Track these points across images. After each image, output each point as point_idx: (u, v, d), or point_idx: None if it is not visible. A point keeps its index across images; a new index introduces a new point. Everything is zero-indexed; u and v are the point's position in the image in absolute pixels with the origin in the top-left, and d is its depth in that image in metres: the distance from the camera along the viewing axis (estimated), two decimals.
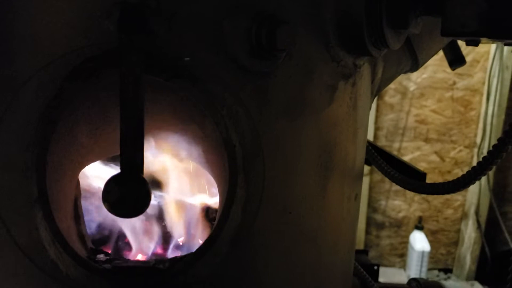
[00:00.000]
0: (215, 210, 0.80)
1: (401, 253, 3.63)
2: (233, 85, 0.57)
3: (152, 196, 0.74)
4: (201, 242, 0.77)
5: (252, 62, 0.56)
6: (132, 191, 0.49)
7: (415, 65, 0.88)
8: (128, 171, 0.49)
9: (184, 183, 0.76)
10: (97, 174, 0.75)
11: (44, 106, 0.54)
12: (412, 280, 1.14)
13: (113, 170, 0.75)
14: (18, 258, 0.58)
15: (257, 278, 0.64)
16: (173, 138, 0.65)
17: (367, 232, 3.55)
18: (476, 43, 0.58)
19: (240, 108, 0.58)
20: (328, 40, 0.63)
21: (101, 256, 0.63)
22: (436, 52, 0.93)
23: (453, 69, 1.04)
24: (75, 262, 0.57)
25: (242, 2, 0.56)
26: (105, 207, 0.48)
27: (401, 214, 3.56)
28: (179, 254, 0.76)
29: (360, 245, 3.46)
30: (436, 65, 3.25)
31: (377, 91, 0.86)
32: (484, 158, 0.70)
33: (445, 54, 1.05)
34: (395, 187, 3.34)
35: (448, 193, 0.79)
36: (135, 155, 0.50)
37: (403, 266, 3.62)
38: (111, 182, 0.48)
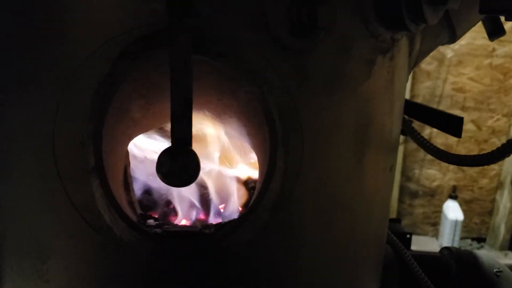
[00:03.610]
0: (254, 180, 0.84)
1: (434, 222, 3.64)
2: (274, 63, 0.60)
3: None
4: (240, 209, 0.82)
5: (293, 40, 0.58)
6: (182, 163, 0.53)
7: (453, 38, 0.88)
8: (178, 145, 0.53)
9: (225, 154, 0.80)
10: (143, 145, 0.80)
11: (98, 84, 0.58)
12: (444, 249, 1.16)
13: (157, 142, 0.80)
14: (77, 222, 0.63)
15: (294, 244, 0.67)
16: (216, 112, 0.68)
17: (400, 200, 3.56)
18: None
19: (281, 85, 0.61)
20: (366, 17, 0.64)
21: (151, 221, 0.68)
22: (474, 24, 0.92)
23: (492, 40, 1.03)
24: (129, 227, 0.62)
25: None
26: (159, 177, 0.53)
27: (435, 183, 3.55)
28: (220, 220, 0.81)
29: (393, 214, 3.47)
30: (475, 31, 3.15)
31: (415, 64, 0.87)
32: None
33: (484, 24, 1.03)
34: (430, 156, 3.31)
35: (481, 165, 0.80)
36: (184, 130, 0.53)
37: (436, 234, 3.63)
38: (164, 155, 0.53)
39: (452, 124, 1.05)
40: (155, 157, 0.79)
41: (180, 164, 0.52)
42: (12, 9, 0.60)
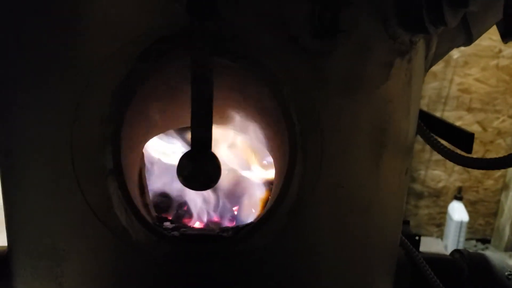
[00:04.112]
0: (268, 183, 0.83)
1: (439, 223, 3.63)
2: (294, 65, 0.60)
3: None
4: (254, 212, 0.81)
5: (313, 42, 0.58)
6: (203, 166, 0.52)
7: (469, 41, 0.88)
8: (198, 148, 0.53)
9: (240, 156, 0.80)
10: (156, 147, 0.80)
11: (117, 85, 0.58)
12: (455, 252, 1.15)
13: (171, 144, 0.80)
14: (93, 223, 0.63)
15: (311, 248, 0.67)
16: (233, 114, 0.68)
17: (405, 201, 3.55)
18: None
19: (300, 87, 0.60)
20: (386, 19, 0.64)
21: (167, 224, 0.67)
22: (490, 27, 0.92)
23: (505, 42, 1.02)
24: (146, 229, 0.61)
25: None
26: (180, 181, 0.52)
27: (440, 184, 3.54)
28: (234, 224, 0.81)
29: None
30: None
31: (430, 66, 0.86)
32: None
33: (498, 26, 1.02)
34: (435, 157, 3.31)
35: (497, 168, 0.79)
36: (204, 133, 0.53)
37: (441, 235, 3.62)
38: (184, 158, 0.52)
39: (462, 139, 1.04)
40: (169, 159, 0.79)
41: (200, 168, 0.52)
42: (30, 8, 0.60)
